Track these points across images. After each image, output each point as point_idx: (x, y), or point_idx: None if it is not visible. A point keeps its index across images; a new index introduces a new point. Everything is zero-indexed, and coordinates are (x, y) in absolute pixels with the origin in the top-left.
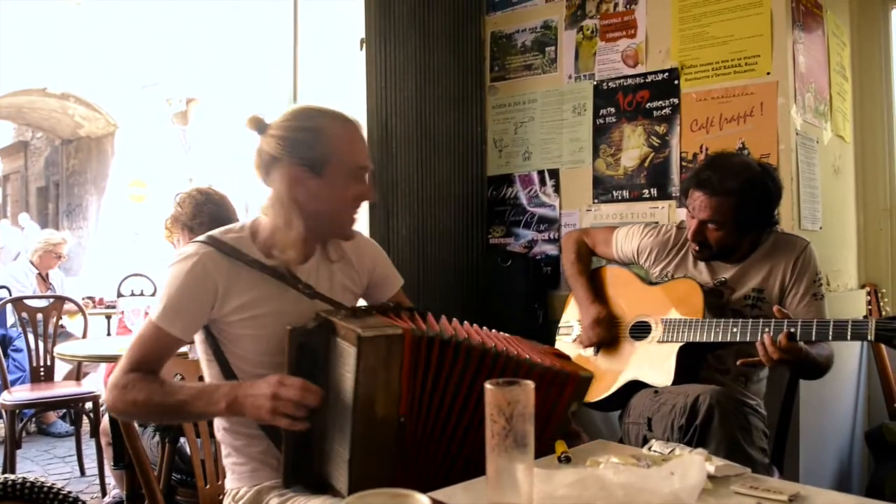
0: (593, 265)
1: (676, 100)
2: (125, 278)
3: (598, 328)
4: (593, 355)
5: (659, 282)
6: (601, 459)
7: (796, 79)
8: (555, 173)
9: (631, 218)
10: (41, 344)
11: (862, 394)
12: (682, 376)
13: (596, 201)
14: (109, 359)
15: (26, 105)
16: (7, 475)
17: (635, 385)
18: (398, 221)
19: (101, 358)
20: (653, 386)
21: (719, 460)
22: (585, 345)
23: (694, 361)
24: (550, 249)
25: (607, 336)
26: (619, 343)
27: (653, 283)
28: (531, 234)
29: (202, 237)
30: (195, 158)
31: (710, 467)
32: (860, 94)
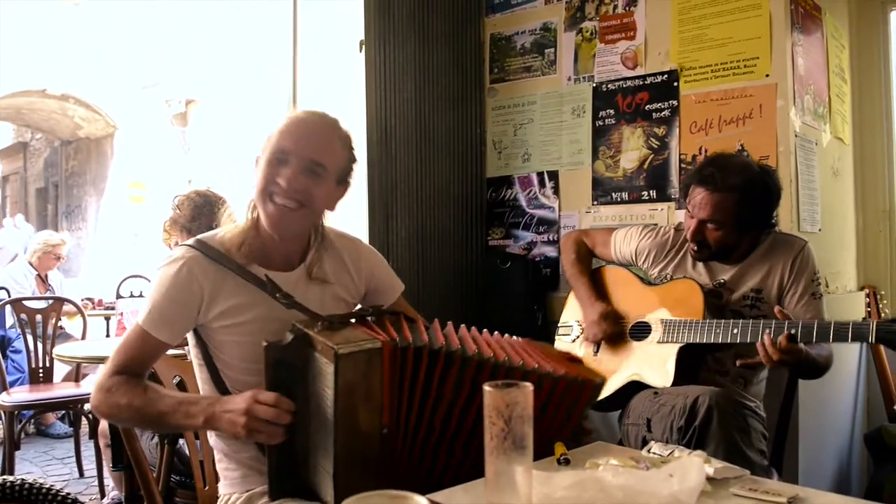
0: (592, 266)
1: (675, 102)
2: (124, 280)
3: (604, 323)
4: (594, 355)
5: (659, 282)
6: (600, 461)
7: (795, 81)
8: (554, 175)
9: (630, 220)
10: (40, 345)
11: (861, 396)
12: (682, 377)
13: (595, 203)
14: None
15: (26, 106)
16: (6, 476)
17: (635, 386)
18: (397, 223)
19: (101, 359)
20: (652, 386)
21: (718, 462)
22: (592, 341)
23: (694, 362)
24: (550, 251)
25: (614, 330)
26: (620, 343)
27: (653, 284)
28: (530, 236)
29: (190, 241)
30: (194, 160)
31: (710, 469)
32: (859, 97)
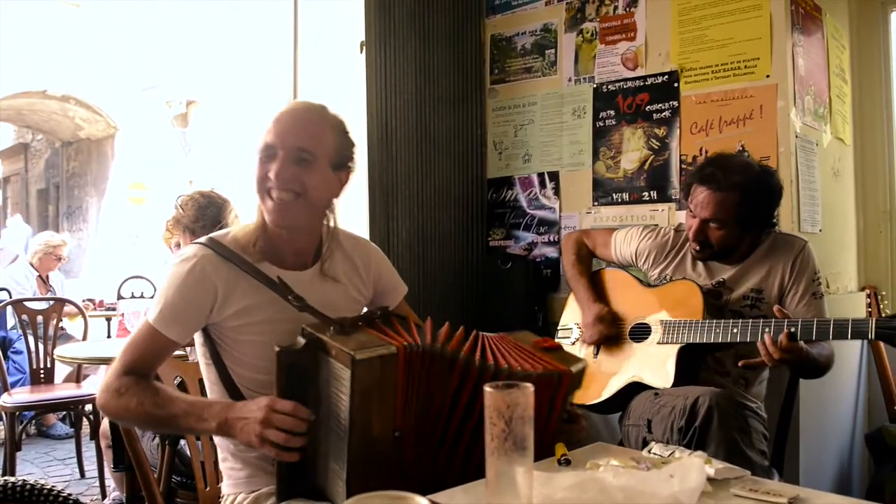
0: (593, 267)
1: (676, 102)
2: (125, 280)
3: (601, 325)
4: (594, 357)
5: (658, 284)
6: (601, 462)
7: (796, 81)
8: (555, 176)
9: (631, 220)
10: (41, 346)
11: (862, 396)
12: (682, 378)
13: (596, 204)
14: (109, 361)
15: (26, 107)
16: (7, 477)
17: (635, 387)
18: (398, 224)
19: (101, 360)
20: (653, 387)
21: (719, 463)
22: (589, 342)
23: (694, 363)
24: (550, 252)
25: (611, 332)
26: (619, 345)
27: (652, 286)
28: (531, 237)
29: (203, 239)
30: (195, 161)
31: (710, 470)
32: (859, 97)
